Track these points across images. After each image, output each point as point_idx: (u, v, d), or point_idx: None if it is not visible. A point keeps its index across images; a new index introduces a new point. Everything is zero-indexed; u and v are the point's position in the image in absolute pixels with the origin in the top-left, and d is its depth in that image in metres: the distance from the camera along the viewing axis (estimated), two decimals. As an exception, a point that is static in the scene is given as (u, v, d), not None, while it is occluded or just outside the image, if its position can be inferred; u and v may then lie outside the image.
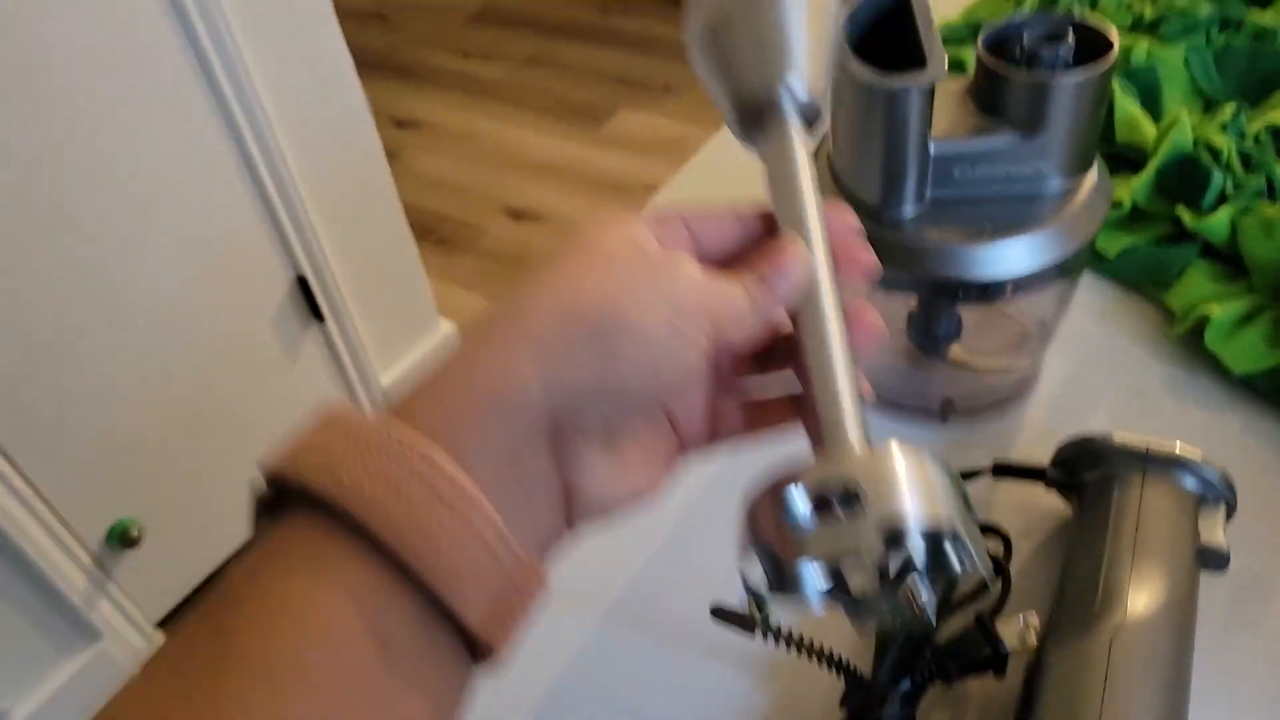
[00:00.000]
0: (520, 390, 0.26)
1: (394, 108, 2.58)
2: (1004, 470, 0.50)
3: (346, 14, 1.46)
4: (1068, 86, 0.44)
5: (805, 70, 0.32)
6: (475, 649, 0.25)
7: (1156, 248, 0.59)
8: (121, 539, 1.39)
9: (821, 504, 0.26)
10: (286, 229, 1.47)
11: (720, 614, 0.41)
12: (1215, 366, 0.54)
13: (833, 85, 0.46)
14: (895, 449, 0.27)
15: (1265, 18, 0.68)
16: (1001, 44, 0.47)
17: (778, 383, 0.32)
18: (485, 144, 2.41)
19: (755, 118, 0.33)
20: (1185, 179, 0.59)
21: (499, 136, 2.42)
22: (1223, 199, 0.58)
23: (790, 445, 0.32)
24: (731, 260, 0.31)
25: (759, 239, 0.31)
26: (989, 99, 0.46)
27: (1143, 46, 0.67)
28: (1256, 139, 0.60)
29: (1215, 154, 0.59)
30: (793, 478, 0.26)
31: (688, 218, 0.31)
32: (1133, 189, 0.60)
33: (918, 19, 0.45)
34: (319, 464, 0.25)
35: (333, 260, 1.57)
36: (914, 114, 0.44)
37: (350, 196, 1.56)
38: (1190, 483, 0.45)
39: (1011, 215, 0.46)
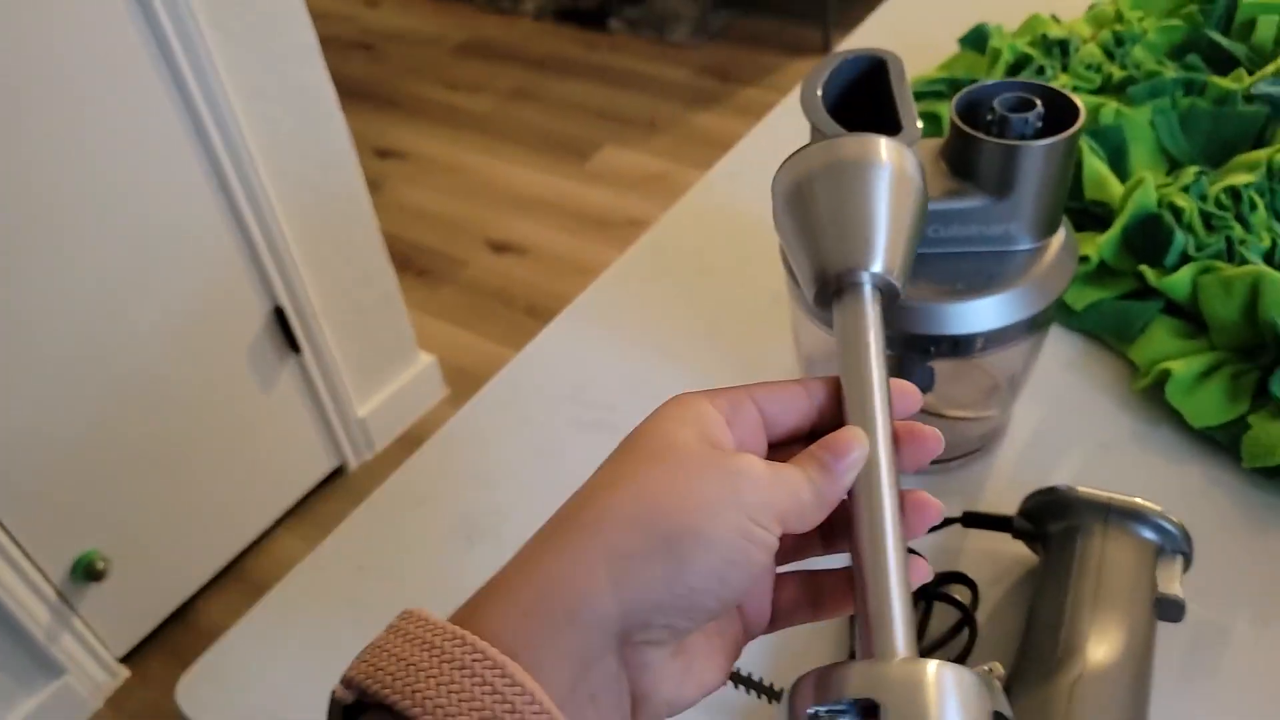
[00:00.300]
0: (595, 603, 0.26)
1: (377, 138, 2.59)
2: (973, 520, 0.51)
3: (331, 43, 1.47)
4: (1036, 152, 0.46)
5: (889, 257, 0.32)
6: None
7: (1121, 303, 0.61)
8: (87, 572, 1.37)
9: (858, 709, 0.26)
10: (265, 260, 1.46)
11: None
12: (1177, 419, 0.56)
13: (812, 135, 0.48)
14: (934, 670, 0.26)
15: (1226, 83, 0.71)
16: (974, 108, 0.49)
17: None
18: (469, 176, 2.43)
19: (833, 289, 0.33)
20: (1149, 238, 0.61)
21: (483, 169, 2.44)
22: (1185, 259, 0.60)
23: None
24: (799, 435, 0.31)
25: (825, 411, 0.32)
26: (961, 161, 0.48)
27: (1111, 107, 0.70)
28: (1218, 201, 0.62)
29: (1178, 214, 0.61)
30: (829, 676, 0.26)
31: (757, 396, 0.31)
32: (1099, 246, 0.62)
33: (893, 82, 0.47)
34: (398, 677, 0.25)
35: (311, 291, 1.57)
36: (889, 175, 0.45)
37: (330, 227, 1.57)
38: (1149, 534, 0.46)
39: (982, 272, 0.48)
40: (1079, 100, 0.47)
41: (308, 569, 0.57)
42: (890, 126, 0.46)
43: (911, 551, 0.30)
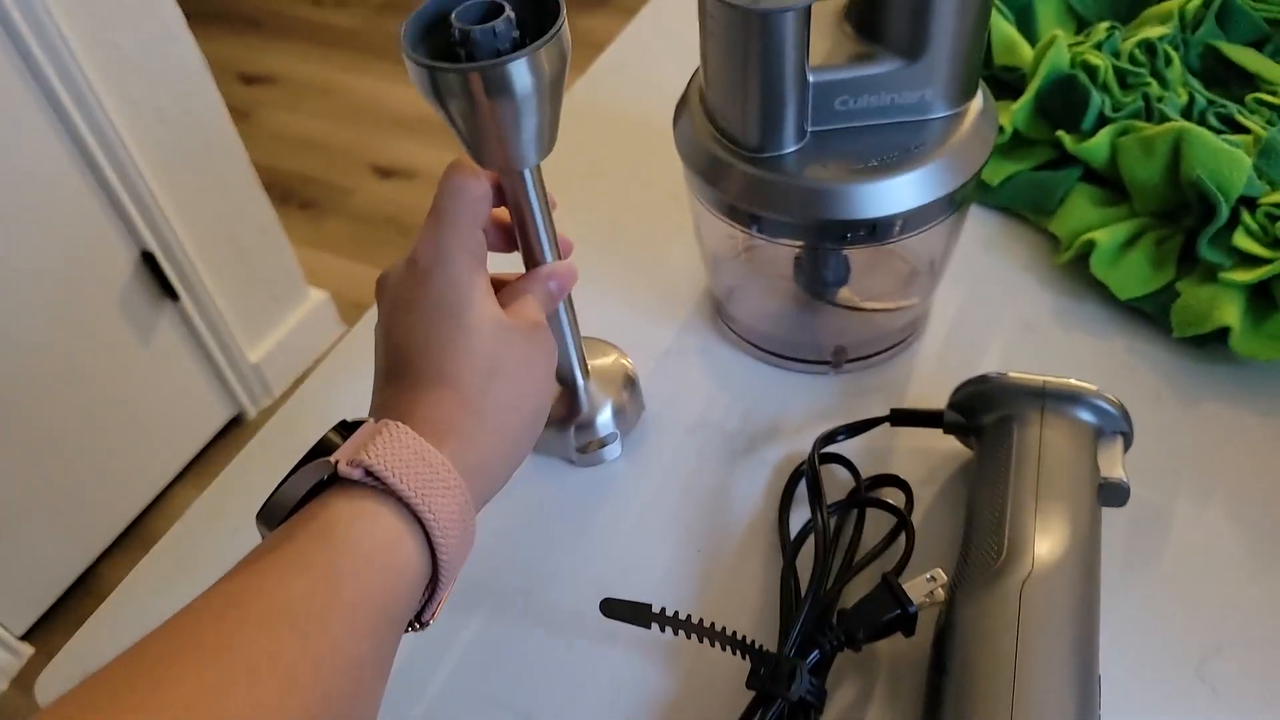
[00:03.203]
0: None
1: (242, 63, 2.41)
2: (901, 418, 0.47)
3: None
4: (949, 4, 0.41)
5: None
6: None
7: (1039, 174, 0.57)
8: (-32, 551, 1.27)
9: None
10: (124, 201, 1.34)
11: (611, 608, 0.38)
12: (1102, 292, 0.53)
13: (700, 12, 0.42)
14: None
15: (1132, -66, 0.67)
16: (877, -39, 0.44)
17: None
18: (346, 98, 2.28)
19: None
20: (1064, 101, 0.57)
21: (360, 90, 2.29)
22: (1102, 120, 0.56)
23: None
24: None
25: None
26: (868, 21, 0.43)
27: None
28: (1132, 57, 0.59)
29: (1092, 74, 0.57)
30: None
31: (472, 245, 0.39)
32: (1013, 114, 0.58)
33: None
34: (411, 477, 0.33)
35: (181, 232, 1.45)
36: (790, 41, 0.40)
37: (194, 160, 1.44)
38: (1088, 416, 0.43)
39: (897, 146, 0.43)
40: (992, -58, 0.41)
41: (181, 534, 0.50)
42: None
43: None
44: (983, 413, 0.45)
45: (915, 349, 0.53)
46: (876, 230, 0.44)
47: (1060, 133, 0.57)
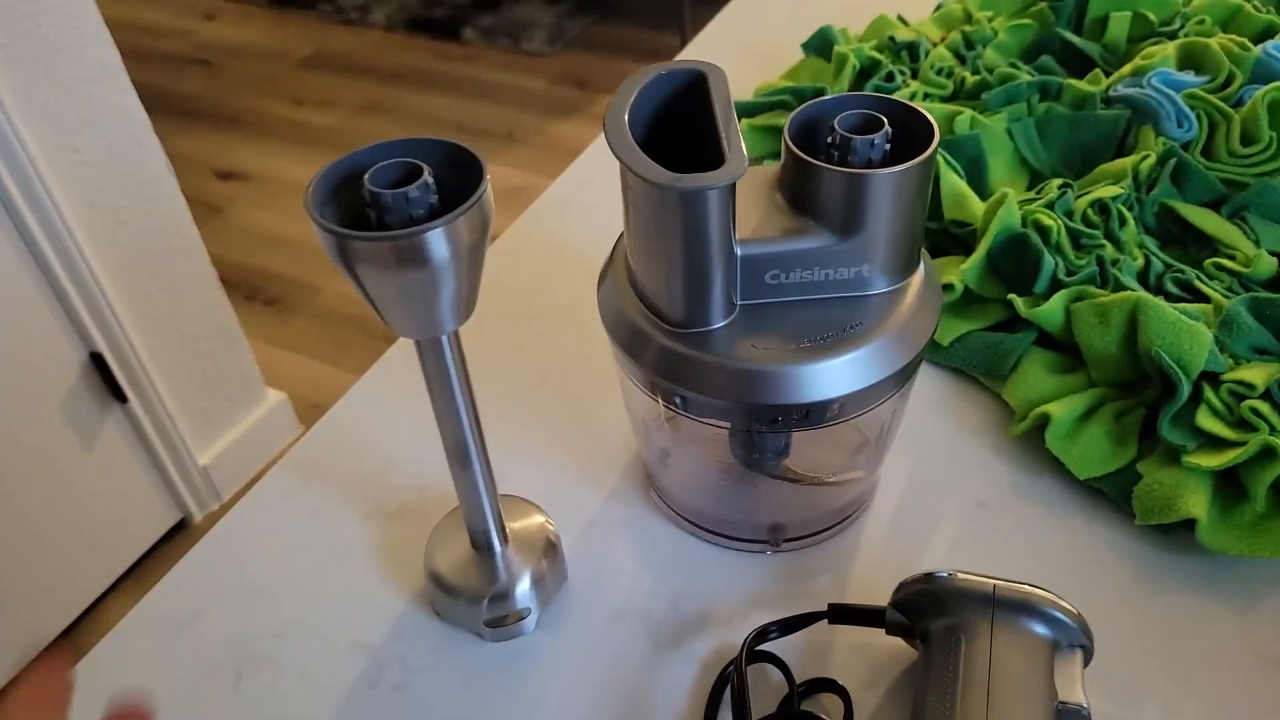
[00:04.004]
0: None
1: (219, 159, 2.41)
2: (841, 614, 0.43)
3: (165, 59, 1.33)
4: (886, 181, 0.38)
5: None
6: None
7: (991, 335, 0.55)
8: None
9: None
10: (74, 303, 1.31)
11: None
12: (1059, 466, 0.50)
13: (622, 181, 0.39)
14: None
15: (1084, 85, 0.66)
16: (811, 130, 0.41)
17: None
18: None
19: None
20: (1016, 261, 0.55)
21: (333, 189, 2.29)
22: (1056, 284, 0.54)
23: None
24: None
25: None
26: (800, 194, 0.40)
27: (966, 115, 0.64)
28: (1085, 218, 0.56)
29: (1045, 234, 0.55)
30: None
31: None
32: (962, 273, 0.55)
33: (715, 104, 0.38)
34: None
35: (133, 333, 1.42)
36: (715, 216, 0.37)
37: (151, 261, 1.41)
38: (1042, 629, 0.39)
39: (832, 324, 0.40)
40: (931, 117, 0.39)
41: (112, 644, 0.45)
42: (711, 151, 0.37)
43: None
44: (928, 616, 0.41)
45: (860, 525, 0.49)
46: (811, 414, 0.40)
47: (1012, 295, 0.54)
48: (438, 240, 0.32)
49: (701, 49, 0.91)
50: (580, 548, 0.49)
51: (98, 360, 1.39)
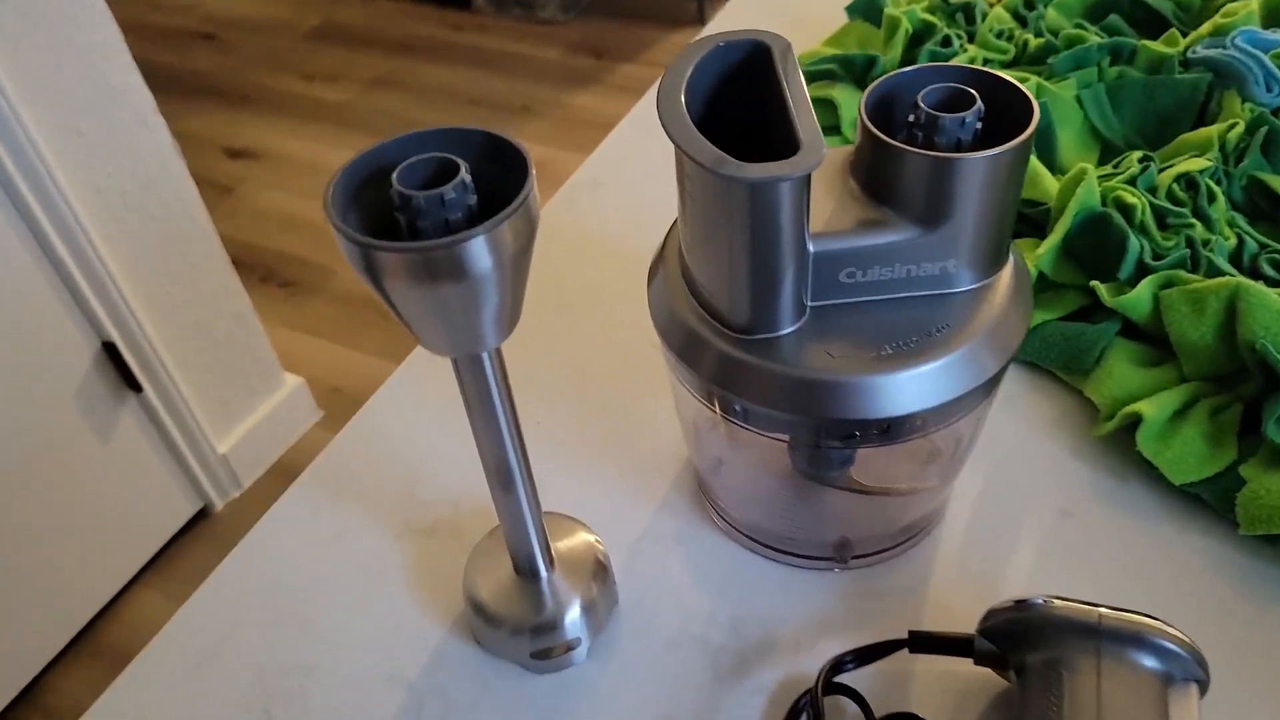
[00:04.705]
0: None
1: (229, 137, 2.36)
2: (924, 643, 0.39)
3: (169, 35, 1.29)
4: (979, 166, 0.34)
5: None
6: None
7: (1070, 325, 0.50)
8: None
9: None
10: (84, 292, 1.28)
11: None
12: (1147, 468, 0.46)
13: (678, 168, 0.35)
14: None
15: (1159, 47, 0.61)
16: (888, 106, 0.37)
17: None
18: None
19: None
20: (1097, 244, 0.51)
21: (345, 166, 2.24)
22: (1142, 268, 0.49)
23: None
24: None
25: None
26: (879, 181, 0.36)
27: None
28: (1170, 194, 0.52)
29: (1128, 214, 0.50)
30: None
31: None
32: (1038, 257, 0.51)
33: (784, 78, 0.34)
34: None
35: (145, 321, 1.39)
36: (787, 211, 0.33)
37: (161, 247, 1.38)
38: (1153, 662, 0.35)
39: (917, 328, 0.36)
40: (1028, 91, 0.35)
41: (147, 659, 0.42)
42: (779, 133, 0.33)
43: None
44: (1024, 648, 0.37)
45: (934, 538, 0.45)
46: (891, 430, 0.36)
47: (1095, 283, 0.49)
48: (479, 250, 0.28)
49: (733, 15, 0.86)
50: (630, 566, 0.46)
51: (110, 350, 1.36)
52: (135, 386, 1.41)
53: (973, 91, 0.35)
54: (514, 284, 0.30)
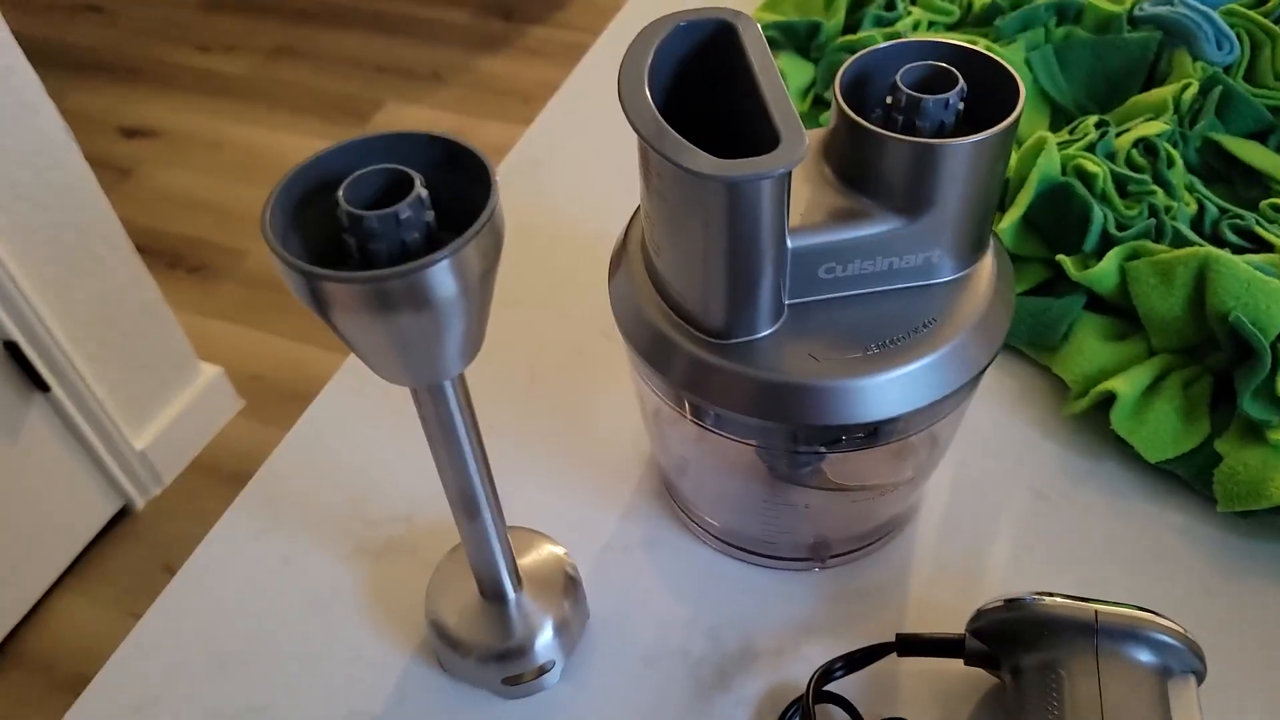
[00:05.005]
0: None
1: (123, 115, 2.23)
2: (912, 646, 0.38)
3: (51, 7, 1.19)
4: (964, 152, 0.31)
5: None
6: None
7: (1035, 300, 0.49)
8: None
9: None
10: (-23, 288, 1.19)
11: None
12: (1120, 446, 0.45)
13: (641, 161, 0.32)
14: None
15: (1106, 4, 0.59)
16: (861, 85, 0.34)
17: None
18: (236, 151, 2.12)
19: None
20: (1058, 215, 0.49)
21: (251, 141, 2.14)
22: (1107, 240, 0.48)
23: None
24: None
25: None
26: (855, 166, 0.34)
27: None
28: (1129, 160, 0.51)
29: (1089, 182, 0.49)
30: None
31: None
32: (1000, 231, 0.49)
33: (753, 65, 0.31)
34: None
35: (49, 318, 1.30)
36: (768, 210, 0.30)
37: (62, 240, 1.30)
38: (1151, 657, 0.34)
39: (901, 323, 0.34)
40: (1011, 68, 0.33)
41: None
42: (751, 120, 0.30)
43: None
44: (1017, 648, 0.36)
45: (911, 531, 0.44)
46: (879, 433, 0.34)
47: (1061, 257, 0.48)
48: (442, 276, 0.25)
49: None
50: (598, 578, 0.43)
51: (12, 349, 1.28)
52: (43, 386, 1.33)
53: (954, 70, 0.32)
54: (480, 307, 0.27)
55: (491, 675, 0.39)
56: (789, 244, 0.33)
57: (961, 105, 0.32)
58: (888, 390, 0.33)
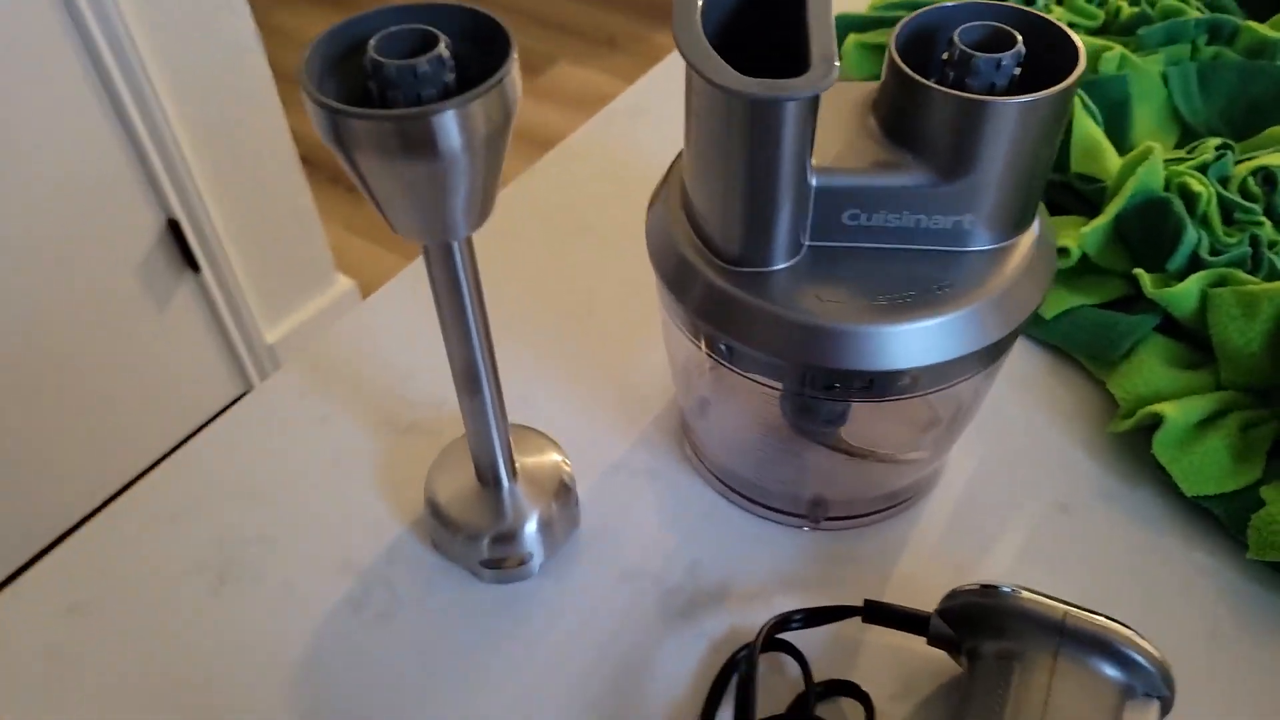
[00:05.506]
0: None
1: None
2: (876, 613, 0.37)
3: None
4: (1010, 111, 0.31)
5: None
6: None
7: (1104, 313, 0.47)
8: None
9: None
10: (156, 168, 1.30)
11: None
12: (1162, 477, 0.43)
13: (686, 84, 0.33)
14: None
15: (1265, 30, 0.56)
16: (923, 43, 0.34)
17: None
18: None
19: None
20: (1150, 230, 0.47)
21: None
22: (1195, 262, 0.46)
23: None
24: None
25: None
26: (899, 119, 0.33)
27: (1115, 53, 0.55)
28: (1243, 188, 0.48)
29: (1190, 202, 0.47)
30: None
31: None
32: (1082, 236, 0.47)
33: (810, 5, 0.31)
34: None
35: (211, 204, 1.41)
36: (789, 135, 0.30)
37: (235, 135, 1.40)
38: (1114, 671, 0.33)
39: (918, 281, 0.33)
40: (1076, 38, 0.32)
41: (4, 604, 0.43)
42: (800, 58, 0.31)
43: None
44: (981, 634, 0.35)
45: (916, 512, 0.43)
46: (875, 384, 0.34)
47: (1139, 270, 0.46)
48: (448, 125, 0.26)
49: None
50: (598, 494, 0.44)
51: (174, 227, 1.38)
52: (194, 266, 1.44)
53: (1015, 33, 0.32)
54: (486, 171, 0.29)
55: (474, 555, 0.41)
56: (814, 181, 0.33)
57: (1018, 70, 0.32)
58: (889, 341, 0.32)
